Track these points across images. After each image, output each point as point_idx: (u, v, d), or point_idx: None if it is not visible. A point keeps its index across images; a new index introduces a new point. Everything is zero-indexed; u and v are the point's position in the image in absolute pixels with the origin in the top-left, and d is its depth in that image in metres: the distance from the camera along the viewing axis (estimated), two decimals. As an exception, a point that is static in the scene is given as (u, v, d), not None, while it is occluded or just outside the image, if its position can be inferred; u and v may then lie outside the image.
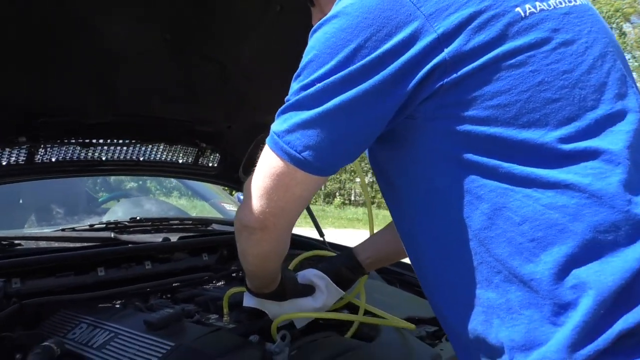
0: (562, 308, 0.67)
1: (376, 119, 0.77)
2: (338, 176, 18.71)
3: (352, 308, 1.42)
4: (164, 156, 1.89)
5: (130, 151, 1.79)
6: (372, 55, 0.73)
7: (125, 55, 1.51)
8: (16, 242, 1.64)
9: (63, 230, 1.82)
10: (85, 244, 1.73)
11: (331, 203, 18.25)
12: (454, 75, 0.70)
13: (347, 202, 18.46)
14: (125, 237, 1.82)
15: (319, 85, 0.75)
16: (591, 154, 0.69)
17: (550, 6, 0.74)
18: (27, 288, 1.47)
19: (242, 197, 3.10)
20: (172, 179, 3.14)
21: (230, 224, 2.38)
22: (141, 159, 1.83)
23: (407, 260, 1.74)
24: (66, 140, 1.60)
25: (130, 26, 1.48)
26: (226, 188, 2.94)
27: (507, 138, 0.70)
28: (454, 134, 0.73)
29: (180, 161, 1.95)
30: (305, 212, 2.43)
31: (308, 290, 1.29)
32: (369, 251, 1.34)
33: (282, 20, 1.72)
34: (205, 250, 2.01)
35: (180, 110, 1.75)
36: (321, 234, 2.37)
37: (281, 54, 1.83)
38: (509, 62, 0.70)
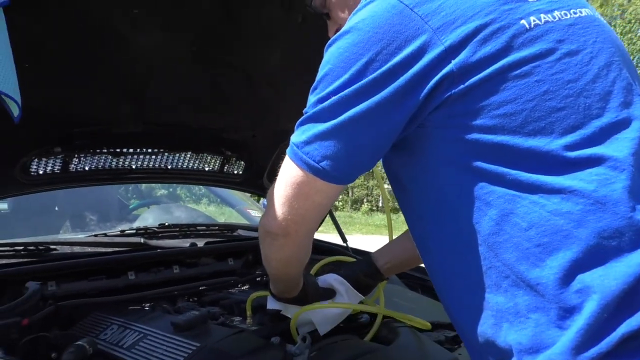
0: (568, 312, 0.69)
1: (389, 129, 0.80)
2: (365, 182, 18.69)
3: (371, 315, 1.44)
4: (191, 164, 1.96)
5: (158, 159, 1.86)
6: (383, 68, 0.76)
7: (155, 65, 1.58)
8: (52, 247, 1.72)
9: (95, 235, 1.89)
10: (117, 249, 1.80)
11: (359, 209, 18.22)
12: (462, 86, 0.73)
13: (374, 208, 18.41)
14: (154, 242, 1.89)
15: (334, 98, 0.79)
16: (596, 161, 0.71)
17: (555, 18, 0.76)
18: (62, 291, 1.54)
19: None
20: (201, 187, 3.22)
21: (256, 229, 2.43)
22: (169, 167, 1.90)
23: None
24: (98, 150, 1.68)
25: (160, 37, 1.56)
26: (254, 196, 3.01)
27: (513, 146, 0.72)
28: (463, 143, 0.76)
29: (207, 169, 2.01)
30: (329, 218, 2.47)
31: (329, 294, 1.33)
32: (387, 257, 1.36)
33: (304, 30, 1.77)
34: (231, 255, 2.06)
35: (208, 119, 1.82)
36: (344, 240, 2.40)
37: (303, 63, 1.87)
38: (515, 72, 0.72)
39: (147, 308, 1.66)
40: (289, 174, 0.87)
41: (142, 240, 1.86)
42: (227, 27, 1.67)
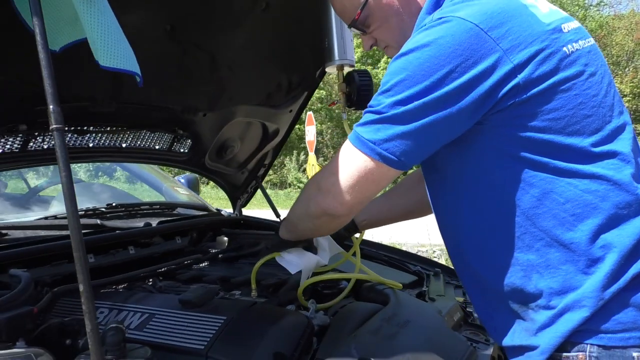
0: (593, 262, 0.96)
1: (460, 130, 0.99)
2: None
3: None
4: (144, 143, 1.91)
5: (115, 138, 1.79)
6: (462, 79, 0.93)
7: (132, 45, 1.53)
8: (3, 231, 1.58)
9: (46, 218, 1.77)
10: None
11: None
12: (524, 96, 0.94)
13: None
14: (110, 223, 1.83)
15: (416, 102, 0.94)
16: (612, 155, 0.98)
17: (580, 46, 1.01)
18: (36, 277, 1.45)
19: (182, 180, 3.10)
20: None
21: (191, 207, 2.44)
22: (123, 145, 1.84)
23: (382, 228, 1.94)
24: (65, 128, 1.57)
25: (138, 15, 1.51)
26: (164, 168, 2.96)
27: (557, 142, 0.96)
28: (517, 138, 0.97)
29: (157, 147, 1.99)
30: (260, 194, 2.58)
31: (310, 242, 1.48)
32: (365, 215, 1.57)
33: (266, 17, 1.85)
34: (177, 234, 2.08)
35: (171, 98, 1.80)
36: (277, 215, 2.54)
37: (262, 48, 1.96)
38: (561, 87, 0.95)
39: (121, 290, 1.64)
40: (361, 165, 1.01)
41: (98, 221, 1.79)
42: (199, 9, 1.67)
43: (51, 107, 0.85)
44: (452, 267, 1.28)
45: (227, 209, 2.79)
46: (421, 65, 0.94)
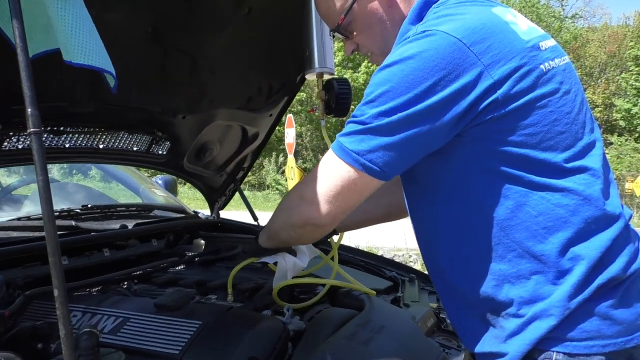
0: (562, 273, 0.99)
1: (441, 142, 1.01)
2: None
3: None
4: (122, 144, 1.90)
5: (92, 139, 1.77)
6: (444, 93, 0.95)
7: (113, 45, 1.52)
8: (-27, 232, 1.55)
9: (19, 219, 1.74)
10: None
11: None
12: (503, 111, 0.97)
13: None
14: (85, 224, 1.81)
15: (400, 114, 0.96)
16: (583, 170, 1.01)
17: (556, 64, 1.04)
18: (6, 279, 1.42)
19: (159, 182, 3.07)
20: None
21: (168, 209, 2.43)
22: (101, 146, 1.82)
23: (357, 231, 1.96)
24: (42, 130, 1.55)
25: (120, 16, 1.50)
26: (140, 169, 2.94)
27: (531, 157, 0.99)
28: (494, 152, 1.00)
29: (135, 149, 1.97)
30: (238, 196, 2.58)
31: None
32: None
33: (248, 21, 1.85)
34: (154, 236, 2.06)
35: (150, 99, 1.79)
36: (255, 219, 2.54)
37: (244, 52, 1.96)
38: (538, 104, 0.98)
39: (95, 292, 1.62)
40: (344, 175, 1.02)
41: (73, 223, 1.76)
42: (183, 12, 1.67)
43: (29, 110, 0.84)
44: (427, 273, 1.30)
45: (205, 209, 2.78)
46: (405, 77, 0.96)
